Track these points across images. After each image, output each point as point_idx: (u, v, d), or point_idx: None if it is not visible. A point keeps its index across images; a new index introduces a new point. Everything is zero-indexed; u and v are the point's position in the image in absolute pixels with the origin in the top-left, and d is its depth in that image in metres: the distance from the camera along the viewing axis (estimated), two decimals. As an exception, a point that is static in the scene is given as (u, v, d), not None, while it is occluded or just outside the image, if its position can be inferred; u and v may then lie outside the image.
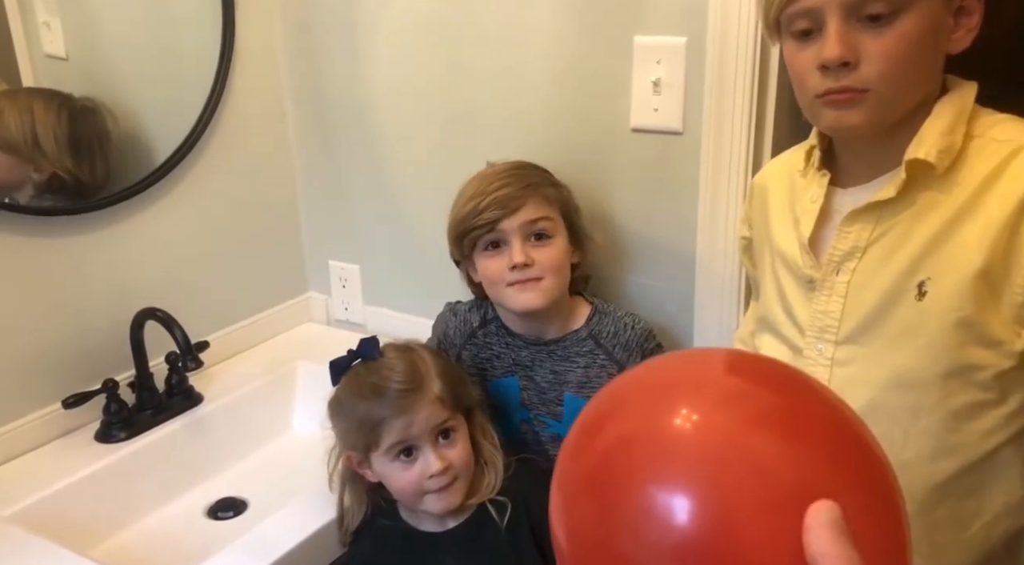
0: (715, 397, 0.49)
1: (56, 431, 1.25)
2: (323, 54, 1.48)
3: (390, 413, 1.00)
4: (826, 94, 0.78)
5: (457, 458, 1.03)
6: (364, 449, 1.03)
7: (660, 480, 0.45)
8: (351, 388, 1.04)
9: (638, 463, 0.46)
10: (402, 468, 1.02)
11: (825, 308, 0.86)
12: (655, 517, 0.44)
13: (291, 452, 1.39)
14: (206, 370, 1.36)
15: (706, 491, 0.44)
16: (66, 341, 1.26)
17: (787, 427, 0.46)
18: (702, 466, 0.44)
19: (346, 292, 1.63)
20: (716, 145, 1.14)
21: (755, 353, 0.56)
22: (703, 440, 0.46)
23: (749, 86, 1.10)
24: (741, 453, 0.44)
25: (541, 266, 1.11)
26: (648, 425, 0.48)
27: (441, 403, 1.02)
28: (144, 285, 1.35)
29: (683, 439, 0.46)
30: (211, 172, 1.44)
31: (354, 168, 1.53)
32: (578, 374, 1.15)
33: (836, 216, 0.86)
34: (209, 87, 1.41)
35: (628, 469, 0.46)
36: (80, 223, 1.26)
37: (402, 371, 1.02)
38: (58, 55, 1.24)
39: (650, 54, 1.16)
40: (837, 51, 0.76)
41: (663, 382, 0.52)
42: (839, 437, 0.48)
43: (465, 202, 1.14)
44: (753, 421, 0.46)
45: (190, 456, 1.30)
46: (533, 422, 1.18)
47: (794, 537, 0.42)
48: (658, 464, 0.45)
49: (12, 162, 1.19)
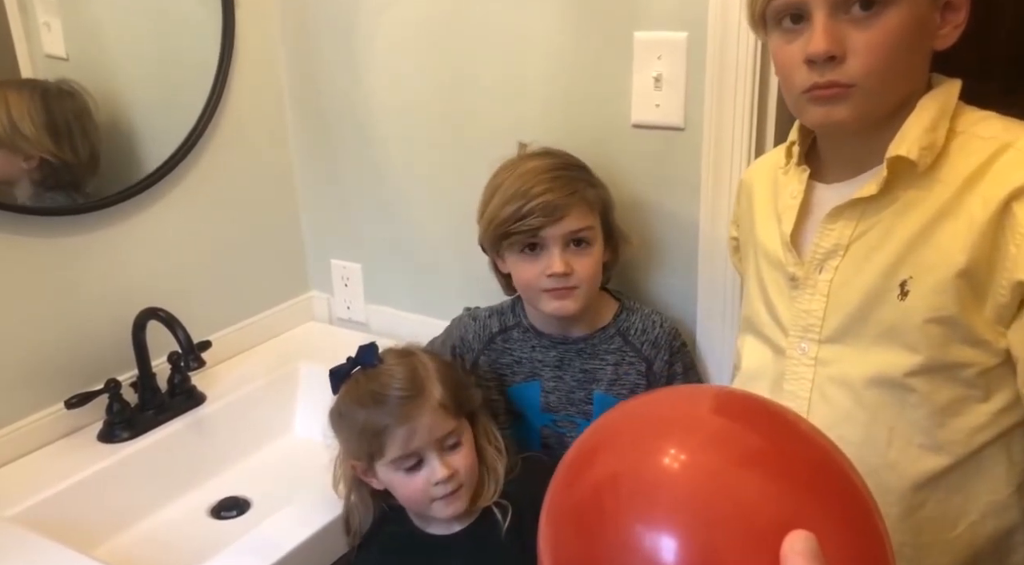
0: (703, 437, 0.49)
1: (59, 431, 1.25)
2: (322, 55, 1.48)
3: (392, 421, 0.99)
4: (812, 89, 0.78)
5: (462, 465, 1.02)
6: (368, 458, 1.02)
7: (647, 519, 0.46)
8: (351, 397, 1.03)
9: (626, 501, 0.47)
10: (407, 477, 1.01)
11: (808, 307, 0.85)
12: (641, 555, 0.45)
13: (293, 451, 1.39)
14: (208, 370, 1.36)
15: (691, 531, 0.44)
16: (68, 341, 1.26)
17: (772, 467, 0.47)
18: (688, 506, 0.45)
19: (348, 291, 1.63)
20: (717, 140, 1.14)
21: (746, 392, 0.56)
22: (690, 480, 0.47)
23: (750, 81, 1.10)
24: (726, 493, 0.45)
25: (579, 275, 1.09)
26: (637, 463, 0.49)
27: (444, 409, 1.01)
28: (146, 285, 1.35)
29: (670, 479, 0.47)
30: (212, 171, 1.44)
31: (354, 166, 1.53)
32: (608, 372, 1.14)
33: (818, 212, 0.86)
34: (209, 87, 1.41)
35: (616, 506, 0.47)
36: (82, 223, 1.26)
37: (402, 377, 1.01)
38: (58, 55, 1.24)
39: (651, 50, 1.16)
40: (823, 45, 0.75)
41: (654, 419, 0.53)
42: (823, 475, 0.49)
43: (505, 201, 1.09)
44: (739, 461, 0.47)
45: (193, 456, 1.30)
46: (558, 424, 1.16)
47: None
48: (645, 503, 0.46)
49: (2, 154, 1.18)
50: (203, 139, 1.41)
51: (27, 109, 1.18)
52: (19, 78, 1.19)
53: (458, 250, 1.45)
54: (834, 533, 0.44)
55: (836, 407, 0.84)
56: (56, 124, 1.22)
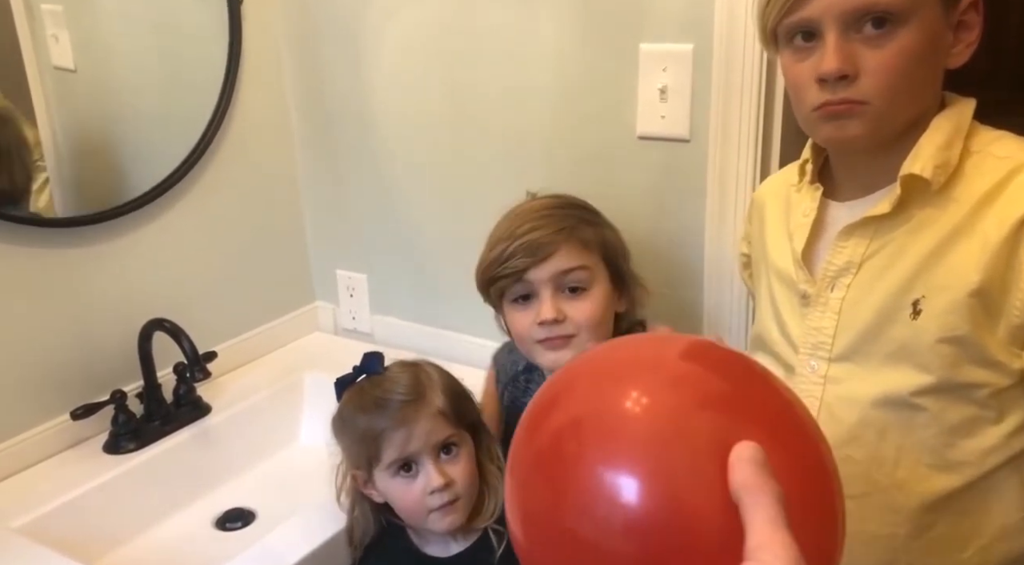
0: (663, 379, 0.49)
1: (64, 442, 1.25)
2: (328, 67, 1.49)
3: (390, 424, 0.98)
4: (823, 106, 0.78)
5: (459, 475, 1.01)
6: (367, 465, 1.01)
7: (608, 460, 0.46)
8: (353, 402, 1.03)
9: (587, 444, 0.47)
10: (403, 484, 1.00)
11: (819, 324, 0.85)
12: (604, 496, 0.45)
13: (299, 462, 1.39)
14: (214, 380, 1.36)
15: (652, 470, 0.45)
16: (74, 352, 1.26)
17: (731, 409, 0.48)
18: (648, 447, 0.46)
19: (353, 301, 1.63)
20: (723, 152, 1.14)
21: (713, 341, 0.55)
22: (650, 421, 0.47)
23: (756, 92, 1.09)
24: (685, 433, 0.46)
25: (575, 323, 1.00)
26: (597, 406, 0.49)
27: (443, 417, 1.00)
28: (151, 296, 1.35)
29: (630, 420, 0.47)
30: (217, 183, 1.44)
31: (360, 177, 1.53)
32: None
33: (831, 230, 0.86)
34: (216, 98, 1.41)
35: (578, 450, 0.47)
36: (87, 234, 1.27)
37: (405, 383, 1.01)
38: (66, 67, 1.25)
39: (656, 61, 1.16)
40: (835, 64, 0.75)
41: (615, 363, 0.53)
42: (781, 420, 0.50)
43: (492, 245, 1.03)
44: (698, 404, 0.48)
45: (198, 466, 1.30)
46: None
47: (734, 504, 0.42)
48: (606, 445, 0.46)
49: None
50: (209, 150, 1.41)
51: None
52: None
53: (464, 261, 1.43)
54: (788, 472, 0.44)
55: (843, 425, 0.83)
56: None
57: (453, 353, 1.44)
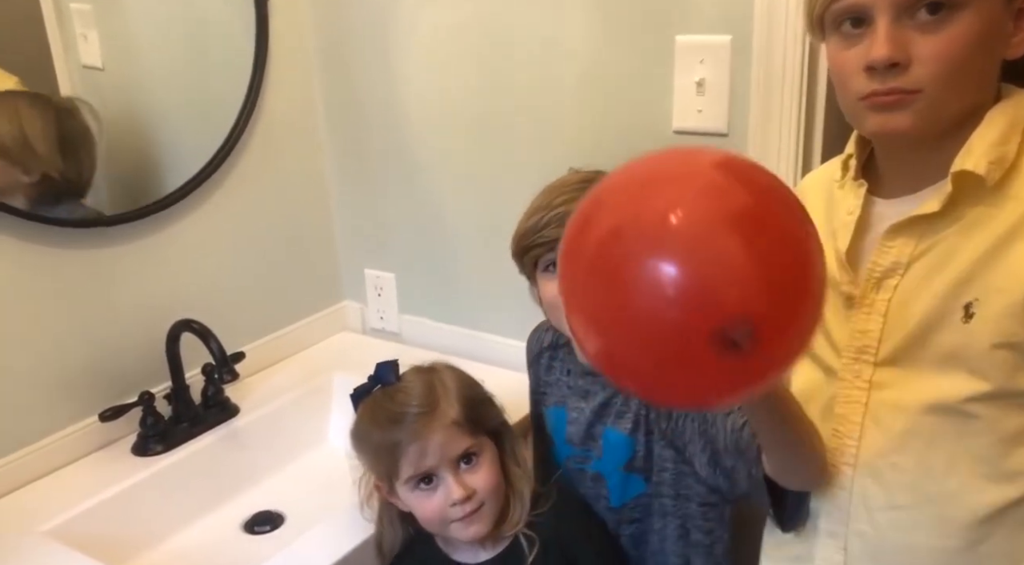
0: (697, 188, 0.60)
1: (93, 444, 1.25)
2: (356, 62, 1.47)
3: (404, 438, 0.96)
4: (871, 96, 0.74)
5: (481, 484, 0.98)
6: (387, 478, 1.00)
7: (648, 261, 0.58)
8: (367, 416, 1.01)
9: (629, 247, 0.59)
10: (424, 497, 0.98)
11: (864, 327, 0.81)
12: (648, 290, 0.57)
13: (327, 464, 1.37)
14: (242, 381, 1.35)
15: (686, 266, 0.57)
16: (102, 353, 1.25)
17: (753, 227, 0.58)
18: (682, 248, 0.58)
19: (381, 301, 1.62)
20: (763, 147, 1.10)
21: (743, 157, 0.67)
22: (684, 227, 0.58)
23: (797, 84, 1.06)
24: (713, 244, 0.57)
25: None
26: (635, 215, 0.60)
27: (459, 427, 0.98)
28: (179, 296, 1.34)
29: (667, 227, 0.58)
30: (245, 182, 1.43)
31: (389, 176, 1.51)
32: (617, 404, 1.06)
33: (876, 229, 0.82)
34: (243, 97, 1.40)
35: (622, 252, 0.59)
36: (113, 235, 1.26)
37: (417, 394, 0.98)
38: (95, 66, 1.25)
39: (693, 54, 1.12)
40: (886, 51, 0.71)
41: (645, 178, 0.64)
42: (792, 255, 0.61)
43: (529, 215, 1.03)
44: (726, 217, 0.58)
45: (226, 469, 1.29)
46: (576, 459, 1.10)
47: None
48: (646, 247, 0.58)
49: (2, 165, 1.16)
50: (237, 148, 1.40)
51: (42, 127, 1.18)
52: (27, 90, 1.18)
53: (493, 259, 1.43)
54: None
55: (890, 433, 0.79)
56: (67, 145, 1.21)
57: (481, 353, 1.43)
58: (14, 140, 1.15)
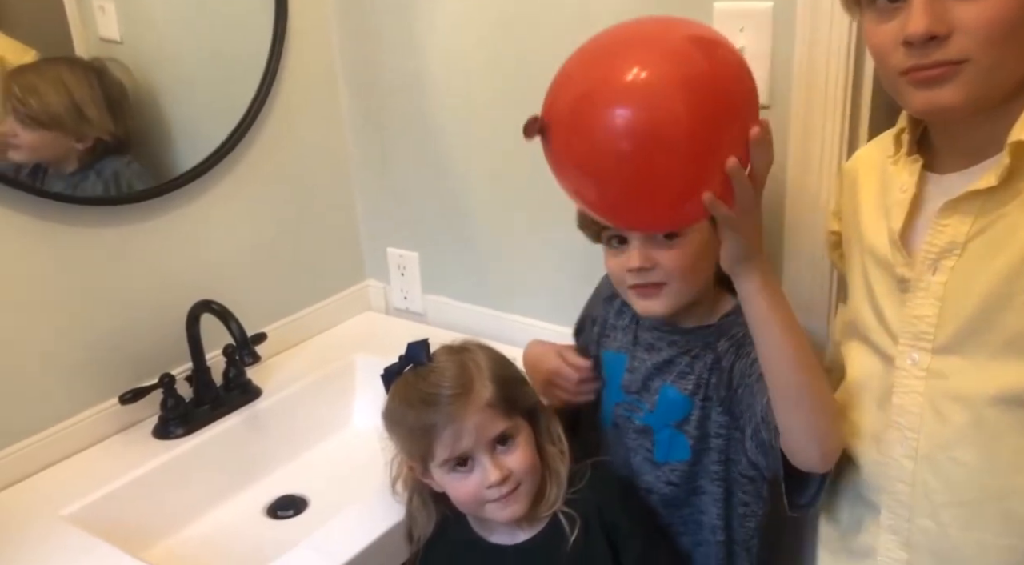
0: (661, 53, 0.76)
1: (113, 427, 1.23)
2: (377, 33, 1.43)
3: (438, 421, 0.94)
4: (912, 71, 0.70)
5: (517, 465, 0.96)
6: (421, 459, 0.98)
7: (614, 112, 0.74)
8: (400, 397, 0.99)
9: (600, 106, 0.75)
10: (459, 479, 0.96)
11: (919, 312, 0.77)
12: (616, 134, 0.74)
13: (351, 447, 1.35)
14: (264, 362, 1.32)
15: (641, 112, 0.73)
16: (121, 335, 1.23)
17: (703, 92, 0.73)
18: (639, 99, 0.74)
19: (404, 280, 1.58)
20: (806, 120, 1.05)
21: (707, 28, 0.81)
22: (643, 86, 0.74)
23: (844, 53, 1.00)
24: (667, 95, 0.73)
25: (665, 271, 0.97)
26: (604, 78, 0.77)
27: (494, 408, 0.96)
28: (199, 275, 1.31)
29: (629, 88, 0.74)
30: (265, 158, 1.40)
31: (411, 151, 1.47)
32: (682, 364, 1.03)
33: (931, 207, 0.77)
34: (262, 70, 1.36)
35: (592, 110, 0.76)
36: (132, 213, 1.23)
37: (451, 375, 0.96)
38: (113, 38, 1.23)
39: (732, 21, 1.07)
40: (923, 24, 0.67)
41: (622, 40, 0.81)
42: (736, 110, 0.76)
43: None
44: (682, 80, 0.73)
45: (249, 452, 1.27)
46: (628, 407, 1.08)
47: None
48: (613, 103, 0.74)
49: (55, 137, 1.16)
50: (256, 124, 1.37)
51: (88, 92, 1.17)
52: (62, 56, 1.17)
53: (519, 237, 1.39)
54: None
55: (952, 425, 0.75)
56: (113, 105, 1.20)
57: (509, 335, 1.39)
58: (67, 110, 1.15)
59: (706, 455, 1.01)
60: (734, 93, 0.76)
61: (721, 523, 1.03)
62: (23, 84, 1.12)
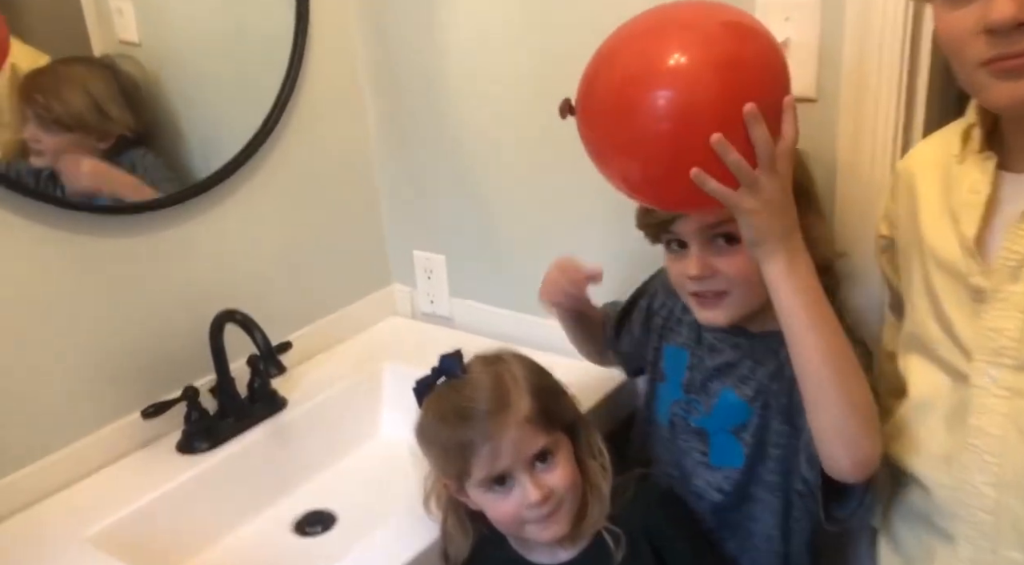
0: (698, 36, 0.77)
1: (136, 442, 1.19)
2: (402, 32, 1.38)
3: (475, 438, 0.90)
4: (995, 61, 0.64)
5: (559, 483, 0.92)
6: (456, 477, 0.93)
7: (655, 93, 0.76)
8: (433, 412, 0.94)
9: (642, 88, 0.77)
10: (497, 498, 0.92)
11: (998, 325, 0.71)
12: (655, 116, 0.76)
13: (380, 459, 1.31)
14: (289, 371, 1.27)
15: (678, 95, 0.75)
16: (142, 346, 1.20)
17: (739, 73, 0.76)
18: (680, 84, 0.76)
19: (431, 284, 1.54)
20: (857, 113, 0.99)
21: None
22: (683, 70, 0.76)
23: (899, 43, 0.94)
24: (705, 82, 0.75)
25: (726, 278, 0.92)
26: (648, 60, 0.78)
27: (533, 424, 0.91)
28: (221, 283, 1.28)
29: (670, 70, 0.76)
30: (287, 161, 1.36)
31: (437, 152, 1.43)
32: (743, 369, 0.98)
33: (1007, 210, 0.71)
34: (283, 71, 1.33)
35: (636, 93, 0.78)
36: (151, 221, 1.20)
37: (487, 388, 0.92)
38: (131, 41, 1.21)
39: (777, 10, 1.01)
40: (1011, 9, 0.61)
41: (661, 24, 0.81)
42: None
43: None
44: (715, 62, 0.75)
45: (275, 466, 1.23)
46: (686, 406, 1.04)
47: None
48: (652, 85, 0.76)
49: (79, 138, 1.14)
50: (278, 127, 1.33)
51: (106, 90, 1.15)
52: (72, 57, 1.15)
53: (549, 238, 1.34)
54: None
55: None
56: (131, 101, 1.19)
57: (539, 339, 1.34)
58: (89, 110, 1.15)
59: (761, 464, 0.97)
60: (765, 72, 0.79)
61: (778, 533, 0.99)
62: (43, 88, 1.11)
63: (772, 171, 0.76)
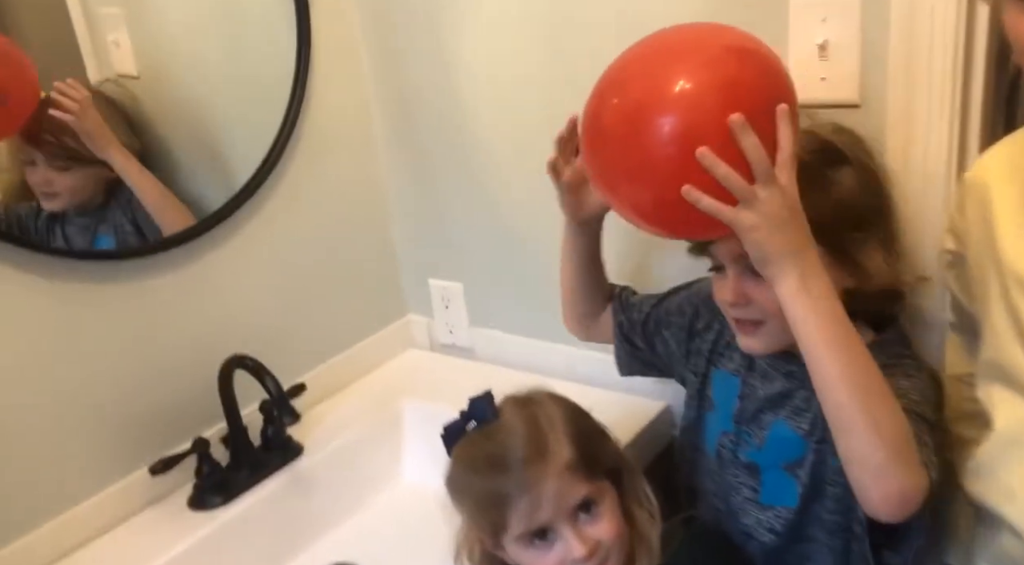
0: (703, 59, 0.77)
1: (144, 500, 1.13)
2: (410, 53, 1.34)
3: (511, 489, 0.83)
4: None
5: (604, 535, 0.85)
6: (492, 532, 0.87)
7: (660, 118, 0.76)
8: (464, 461, 0.88)
9: (644, 117, 0.77)
10: (538, 554, 0.85)
11: None
12: (659, 141, 0.75)
13: (404, 504, 1.25)
14: (304, 414, 1.22)
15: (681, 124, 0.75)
16: (148, 397, 1.14)
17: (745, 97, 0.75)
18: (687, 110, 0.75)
19: (449, 313, 1.48)
20: (907, 120, 0.92)
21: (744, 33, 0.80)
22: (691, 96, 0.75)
23: (951, 44, 0.87)
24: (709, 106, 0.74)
25: (761, 308, 0.87)
26: (653, 89, 0.77)
27: (572, 472, 0.84)
28: (229, 325, 1.23)
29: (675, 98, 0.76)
30: (294, 193, 1.31)
31: (450, 176, 1.38)
32: (798, 400, 0.92)
33: None
34: (286, 100, 1.28)
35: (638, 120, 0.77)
36: (152, 264, 1.15)
37: (521, 434, 0.85)
38: (130, 74, 1.18)
39: (813, 10, 0.95)
40: None
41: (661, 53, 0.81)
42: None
43: None
44: (721, 84, 0.75)
45: (293, 518, 1.17)
46: (734, 438, 0.98)
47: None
48: (658, 113, 0.76)
49: (93, 172, 1.13)
50: (283, 159, 1.28)
51: (112, 117, 1.13)
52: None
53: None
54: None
55: None
56: (130, 120, 1.17)
57: (565, 369, 1.30)
58: None
59: (817, 503, 0.90)
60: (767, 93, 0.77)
61: None
62: (49, 126, 1.07)
63: (771, 184, 0.73)
